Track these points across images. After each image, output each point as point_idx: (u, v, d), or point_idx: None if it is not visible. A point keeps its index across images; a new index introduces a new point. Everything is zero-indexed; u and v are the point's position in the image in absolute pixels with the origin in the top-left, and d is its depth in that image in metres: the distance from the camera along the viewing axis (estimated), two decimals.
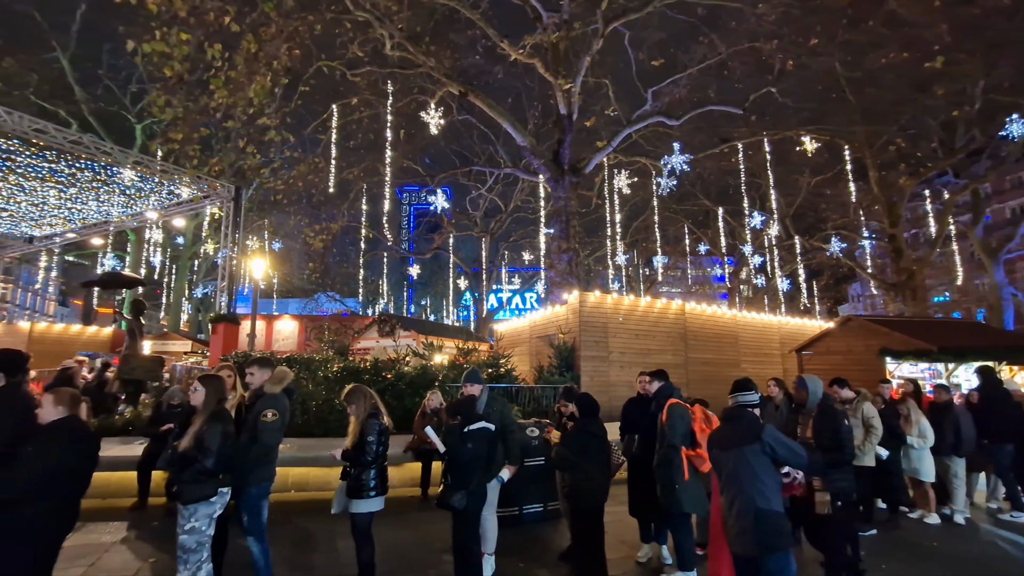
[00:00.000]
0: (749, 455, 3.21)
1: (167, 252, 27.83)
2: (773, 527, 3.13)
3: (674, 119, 17.55)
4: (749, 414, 3.49)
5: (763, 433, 3.23)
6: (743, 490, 3.19)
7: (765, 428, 3.29)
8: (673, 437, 4.38)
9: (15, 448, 3.25)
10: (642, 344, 12.13)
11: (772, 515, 3.13)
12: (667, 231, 31.15)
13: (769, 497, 3.16)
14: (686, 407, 4.59)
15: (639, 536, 5.09)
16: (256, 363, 4.67)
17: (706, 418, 4.54)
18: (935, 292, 39.41)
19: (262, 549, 4.12)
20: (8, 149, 9.44)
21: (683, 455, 4.32)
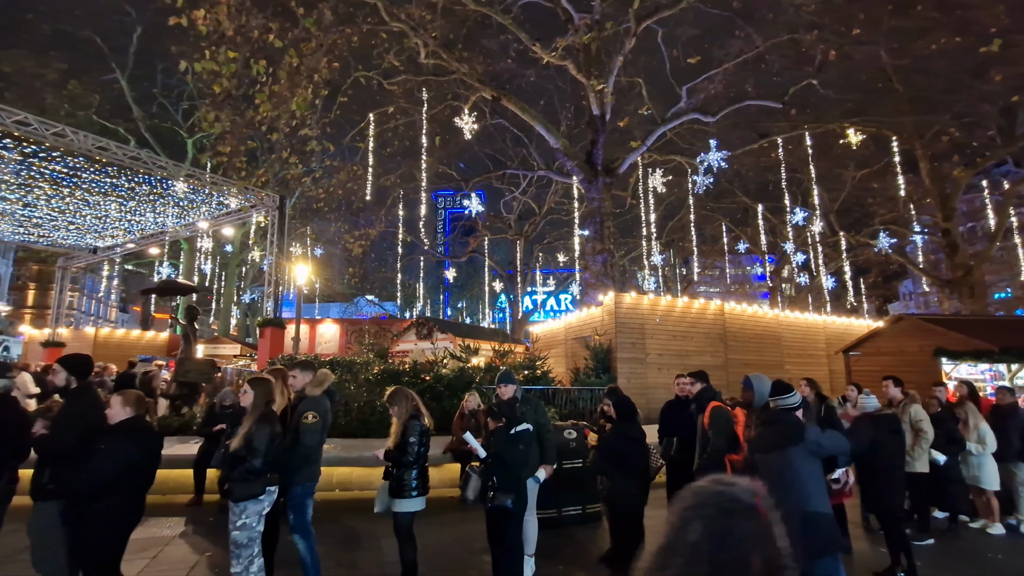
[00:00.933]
0: (793, 458, 3.15)
1: (217, 260, 29.18)
2: (822, 531, 3.05)
3: (710, 116, 17.19)
4: (791, 416, 3.42)
5: (806, 434, 3.17)
6: (788, 493, 3.13)
7: (808, 429, 3.22)
8: (718, 442, 4.33)
9: (88, 445, 3.50)
10: (680, 345, 11.93)
11: (820, 518, 3.06)
12: (704, 230, 30.54)
13: (816, 500, 3.09)
14: (729, 411, 4.51)
15: None
16: (298, 366, 4.85)
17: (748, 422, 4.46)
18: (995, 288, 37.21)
19: (308, 546, 4.26)
20: (75, 166, 10.16)
21: (726, 460, 4.27)
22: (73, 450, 3.53)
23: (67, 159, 9.86)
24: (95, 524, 3.38)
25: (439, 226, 60.25)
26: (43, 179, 10.56)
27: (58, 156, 9.73)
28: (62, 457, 3.57)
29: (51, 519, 3.51)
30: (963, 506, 6.24)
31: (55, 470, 3.58)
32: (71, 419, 3.69)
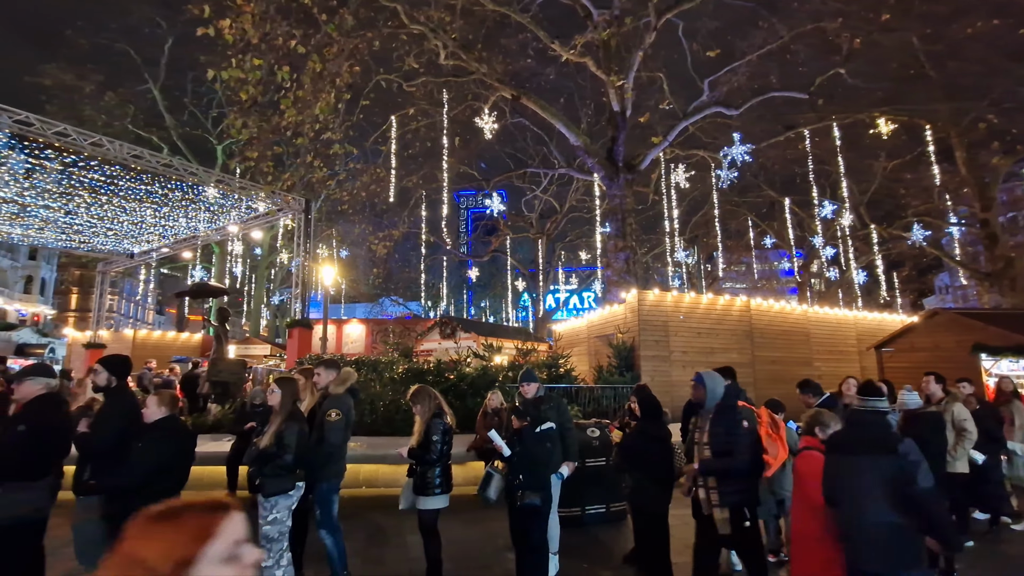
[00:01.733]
0: (885, 465, 2.90)
1: (247, 262, 29.95)
2: (912, 543, 2.86)
3: (733, 108, 16.88)
4: (883, 420, 3.18)
5: (899, 446, 2.90)
6: (876, 501, 2.88)
7: (903, 441, 2.95)
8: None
9: (126, 443, 3.64)
10: (705, 343, 11.77)
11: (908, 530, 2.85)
12: (729, 225, 29.97)
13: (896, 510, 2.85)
14: (751, 410, 4.38)
15: None
16: (323, 364, 4.97)
17: (772, 422, 4.35)
18: None
19: (335, 541, 4.35)
20: (112, 174, 10.60)
21: None
22: (112, 447, 3.67)
23: (104, 168, 10.30)
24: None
25: (461, 226, 60.62)
26: (83, 187, 11.07)
27: (96, 165, 10.18)
28: (102, 454, 3.71)
29: (93, 514, 3.66)
30: (1005, 507, 6.01)
31: (96, 466, 3.72)
32: (111, 417, 3.84)
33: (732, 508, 3.71)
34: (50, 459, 3.90)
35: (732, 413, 3.91)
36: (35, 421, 3.77)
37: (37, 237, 16.29)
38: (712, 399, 3.99)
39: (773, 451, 4.15)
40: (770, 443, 4.14)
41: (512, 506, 4.19)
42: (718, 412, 3.94)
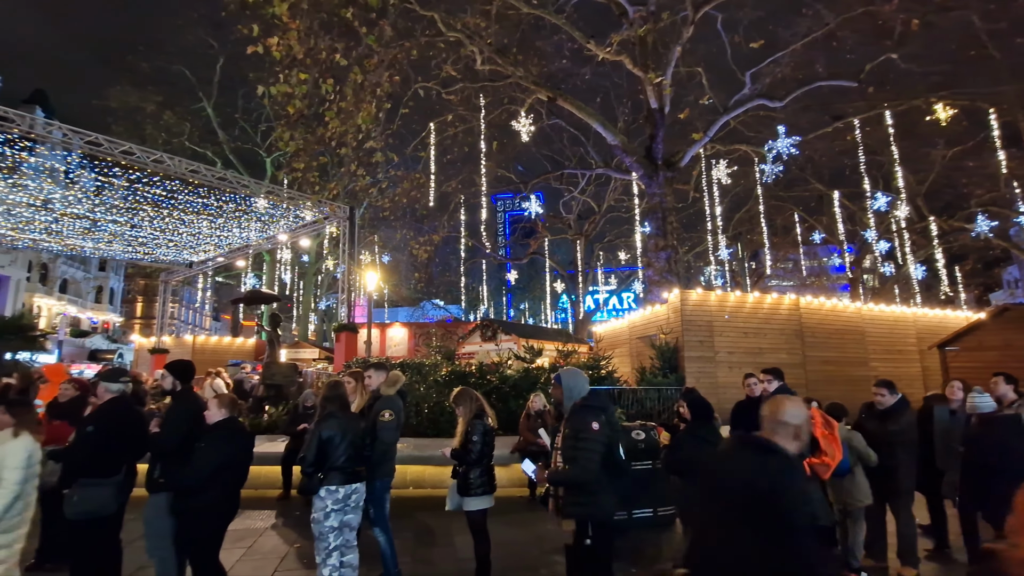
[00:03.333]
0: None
1: (295, 270, 31.16)
2: None
3: (777, 100, 16.32)
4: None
5: None
6: None
7: None
8: None
9: (191, 443, 3.84)
10: (752, 343, 11.42)
11: None
12: (774, 221, 28.96)
13: None
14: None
15: None
16: (373, 367, 5.15)
17: (827, 422, 4.16)
18: None
19: (387, 539, 4.48)
20: (172, 189, 11.32)
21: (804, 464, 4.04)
22: (179, 447, 3.88)
23: (165, 183, 11.01)
24: (197, 517, 3.72)
25: (499, 229, 60.96)
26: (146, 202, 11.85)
27: (158, 180, 10.90)
28: (170, 453, 3.93)
29: (162, 510, 3.86)
30: None
31: (164, 465, 3.93)
32: (177, 418, 4.06)
33: (579, 519, 3.32)
34: (120, 458, 4.10)
35: (583, 416, 3.41)
36: (104, 422, 4.00)
37: (106, 250, 17.56)
38: (569, 398, 3.55)
39: (831, 452, 4.00)
40: (828, 444, 4.00)
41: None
42: (571, 414, 3.49)
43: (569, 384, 3.56)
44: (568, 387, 3.56)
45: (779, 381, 4.69)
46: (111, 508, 3.98)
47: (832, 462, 3.98)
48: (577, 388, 3.55)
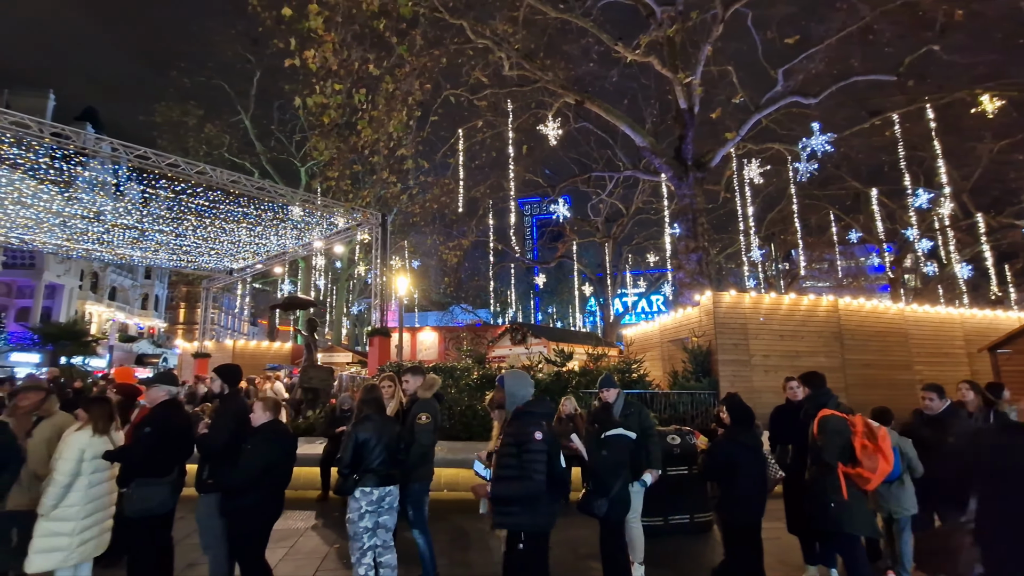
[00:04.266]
0: None
1: (328, 275, 31.90)
2: None
3: (811, 97, 15.92)
4: None
5: None
6: None
7: None
8: (827, 455, 3.89)
9: (237, 445, 3.98)
10: (788, 346, 11.15)
11: None
12: (808, 220, 28.18)
13: None
14: (844, 419, 4.03)
15: (802, 557, 4.70)
16: (410, 371, 5.23)
17: (869, 431, 3.96)
18: None
19: (426, 540, 4.53)
20: (214, 199, 11.82)
21: (840, 473, 3.87)
22: (226, 448, 4.02)
23: (208, 193, 11.52)
24: (244, 517, 3.85)
25: (526, 233, 61.08)
26: (190, 212, 12.41)
27: (201, 191, 11.40)
28: (217, 454, 4.07)
29: (212, 510, 4.01)
30: None
31: (213, 466, 4.07)
32: (224, 421, 4.20)
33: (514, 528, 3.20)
34: (173, 458, 4.29)
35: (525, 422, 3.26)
36: (159, 424, 4.19)
37: (153, 258, 18.46)
38: (512, 402, 3.40)
39: (871, 464, 3.81)
40: (867, 455, 3.82)
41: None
42: (512, 420, 3.34)
43: (512, 388, 3.45)
44: (511, 391, 3.44)
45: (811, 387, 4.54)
46: (168, 506, 4.18)
47: (871, 474, 3.81)
48: (520, 392, 3.42)
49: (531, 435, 3.16)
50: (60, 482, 4.03)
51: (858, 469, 3.84)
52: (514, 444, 3.20)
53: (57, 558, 4.04)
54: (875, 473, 3.81)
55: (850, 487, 3.85)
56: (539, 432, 3.18)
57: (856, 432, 3.97)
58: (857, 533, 3.93)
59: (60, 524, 4.06)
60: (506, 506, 3.23)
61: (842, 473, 3.87)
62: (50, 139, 9.35)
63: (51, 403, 5.01)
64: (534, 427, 3.20)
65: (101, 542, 4.34)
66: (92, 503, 4.26)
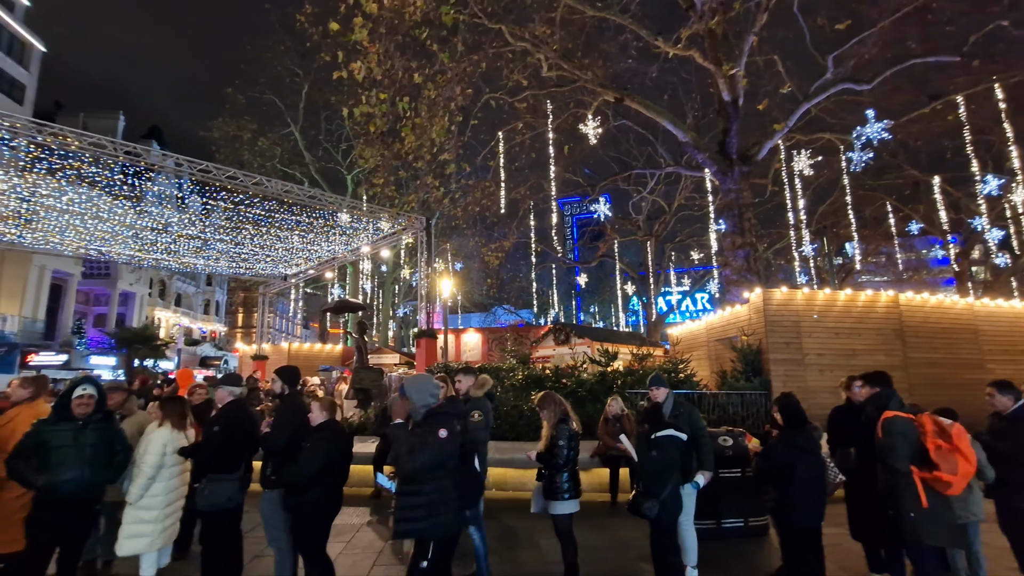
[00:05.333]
0: None
1: (374, 279, 32.83)
2: None
3: (864, 83, 15.19)
4: None
5: None
6: None
7: None
8: (893, 459, 3.66)
9: (298, 443, 4.16)
10: (845, 344, 10.69)
11: None
12: (863, 212, 26.82)
13: None
14: (909, 420, 3.79)
15: (866, 564, 4.52)
16: (461, 372, 5.37)
17: (941, 431, 3.68)
18: None
19: (482, 536, 4.59)
20: (269, 208, 12.47)
21: (916, 478, 3.60)
22: (287, 446, 4.20)
23: (264, 203, 12.16)
24: (305, 512, 4.03)
25: (567, 233, 60.84)
26: (247, 221, 13.12)
27: (257, 201, 12.04)
28: (279, 452, 4.25)
29: (275, 505, 4.21)
30: None
31: (275, 463, 4.25)
32: (285, 420, 4.39)
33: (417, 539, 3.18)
34: (241, 455, 4.57)
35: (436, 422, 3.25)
36: (227, 423, 4.47)
37: (214, 266, 19.57)
38: (416, 411, 3.38)
39: (949, 466, 3.52)
40: (942, 456, 3.54)
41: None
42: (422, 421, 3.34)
43: (413, 395, 3.45)
44: (413, 399, 3.44)
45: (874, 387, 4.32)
46: (236, 501, 4.42)
47: (951, 477, 3.50)
48: (421, 400, 3.42)
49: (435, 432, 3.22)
50: (147, 474, 4.40)
51: (935, 473, 3.56)
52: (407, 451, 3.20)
53: (143, 543, 4.41)
54: (956, 475, 3.52)
55: (930, 494, 3.57)
56: (444, 430, 3.24)
57: (926, 433, 3.71)
58: (939, 545, 3.69)
59: (145, 512, 4.43)
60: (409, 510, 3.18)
61: (919, 479, 3.61)
62: (123, 157, 10.11)
63: (131, 403, 5.45)
64: (441, 425, 3.25)
65: (175, 530, 4.71)
66: (171, 493, 4.64)
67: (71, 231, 13.78)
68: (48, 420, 4.08)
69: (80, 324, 34.78)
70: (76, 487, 3.92)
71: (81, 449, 3.98)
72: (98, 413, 4.21)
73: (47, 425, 4.02)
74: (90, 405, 4.12)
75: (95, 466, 4.04)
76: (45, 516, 3.87)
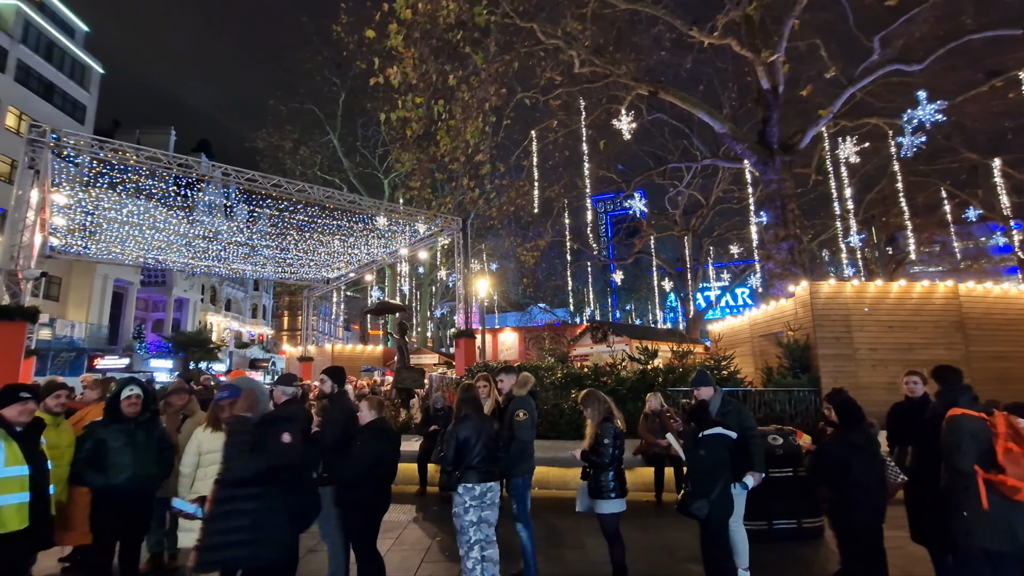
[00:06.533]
0: None
1: (412, 281, 33.45)
2: None
3: (914, 63, 14.44)
4: None
5: None
6: None
7: None
8: (959, 461, 3.41)
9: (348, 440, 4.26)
10: (899, 337, 10.21)
11: None
12: (915, 199, 25.48)
13: None
14: (979, 419, 3.51)
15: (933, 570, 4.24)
16: (503, 371, 5.39)
17: (1015, 433, 3.37)
18: None
19: (530, 535, 4.61)
20: (312, 214, 12.91)
21: (980, 479, 3.34)
22: (337, 443, 4.28)
23: (306, 209, 12.60)
24: (356, 508, 4.13)
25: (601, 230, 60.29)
26: (291, 227, 13.65)
27: (300, 207, 12.49)
28: (330, 449, 4.30)
29: (327, 501, 4.24)
30: None
31: (327, 461, 4.29)
32: (335, 418, 4.49)
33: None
34: None
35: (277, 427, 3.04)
36: None
37: (261, 271, 20.49)
38: (258, 412, 3.18)
39: (1018, 471, 3.21)
40: (1012, 460, 3.25)
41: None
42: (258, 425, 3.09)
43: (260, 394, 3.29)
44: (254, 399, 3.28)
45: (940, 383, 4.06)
46: None
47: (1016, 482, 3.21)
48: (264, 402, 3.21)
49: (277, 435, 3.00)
50: (184, 472, 4.61)
51: (1001, 476, 3.27)
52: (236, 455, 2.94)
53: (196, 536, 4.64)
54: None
55: (992, 496, 3.30)
56: (287, 435, 3.06)
57: (998, 434, 3.38)
58: (994, 547, 3.39)
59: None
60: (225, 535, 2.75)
61: (982, 480, 3.35)
62: (177, 169, 10.68)
63: (193, 403, 5.73)
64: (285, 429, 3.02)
65: None
66: None
67: (131, 241, 14.68)
68: (101, 422, 4.34)
69: (140, 329, 36.90)
70: (131, 485, 4.19)
71: (135, 448, 4.25)
72: (146, 412, 4.47)
73: (101, 427, 4.29)
74: (137, 405, 4.37)
75: (146, 463, 4.31)
76: (105, 513, 4.16)
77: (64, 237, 14.02)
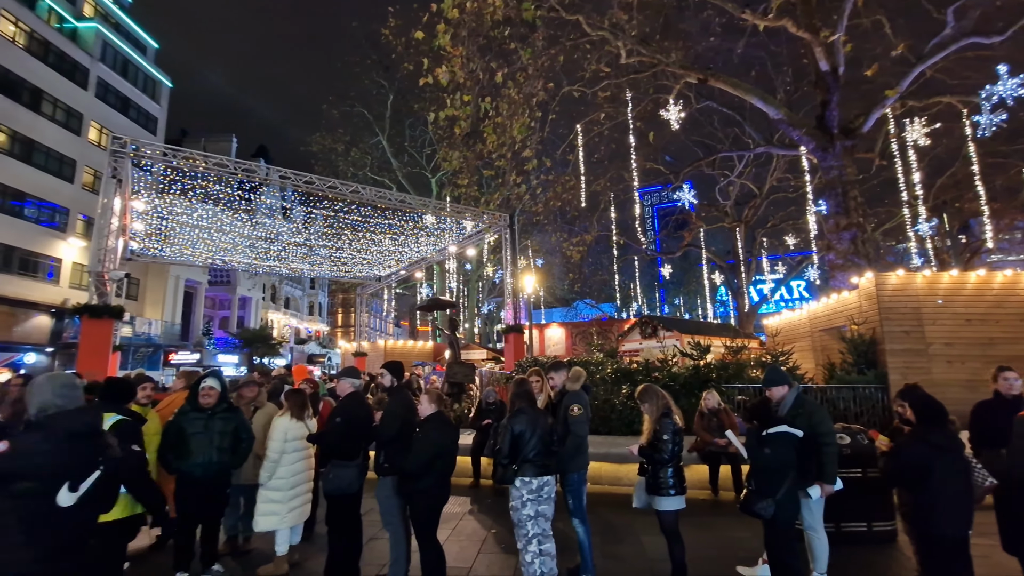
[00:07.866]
0: None
1: (460, 277, 33.99)
2: None
3: (994, 35, 13.36)
4: None
5: None
6: None
7: None
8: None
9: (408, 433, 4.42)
10: (978, 331, 9.51)
11: None
12: (994, 183, 23.51)
13: None
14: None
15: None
16: (553, 367, 5.42)
17: None
18: None
19: (586, 530, 4.63)
20: (365, 214, 13.36)
21: None
22: (397, 436, 4.48)
23: (360, 209, 13.05)
24: (419, 498, 4.25)
25: (647, 223, 59.11)
26: (346, 227, 14.18)
27: (354, 208, 12.95)
28: (390, 441, 4.54)
29: (389, 491, 4.49)
30: None
31: (388, 452, 4.53)
32: (395, 411, 4.67)
33: None
34: (359, 444, 4.90)
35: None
36: (347, 414, 4.81)
37: (318, 270, 21.42)
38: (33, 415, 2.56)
39: None
40: None
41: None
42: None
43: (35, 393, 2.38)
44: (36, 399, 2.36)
45: None
46: (355, 487, 4.77)
47: None
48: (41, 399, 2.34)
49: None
50: (271, 458, 4.91)
51: None
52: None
53: (274, 520, 4.93)
54: None
55: None
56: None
57: None
58: None
59: (274, 493, 4.94)
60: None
61: None
62: (242, 174, 11.30)
63: (263, 396, 6.08)
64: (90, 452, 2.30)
65: (304, 511, 5.19)
66: (297, 476, 5.12)
67: (200, 243, 15.67)
68: (184, 409, 4.75)
69: (208, 326, 39.36)
70: (205, 470, 4.55)
71: (210, 436, 4.62)
72: (223, 403, 4.82)
73: (182, 414, 4.70)
74: (212, 396, 4.73)
75: (221, 451, 4.66)
76: (185, 493, 4.59)
77: (142, 241, 15.10)
